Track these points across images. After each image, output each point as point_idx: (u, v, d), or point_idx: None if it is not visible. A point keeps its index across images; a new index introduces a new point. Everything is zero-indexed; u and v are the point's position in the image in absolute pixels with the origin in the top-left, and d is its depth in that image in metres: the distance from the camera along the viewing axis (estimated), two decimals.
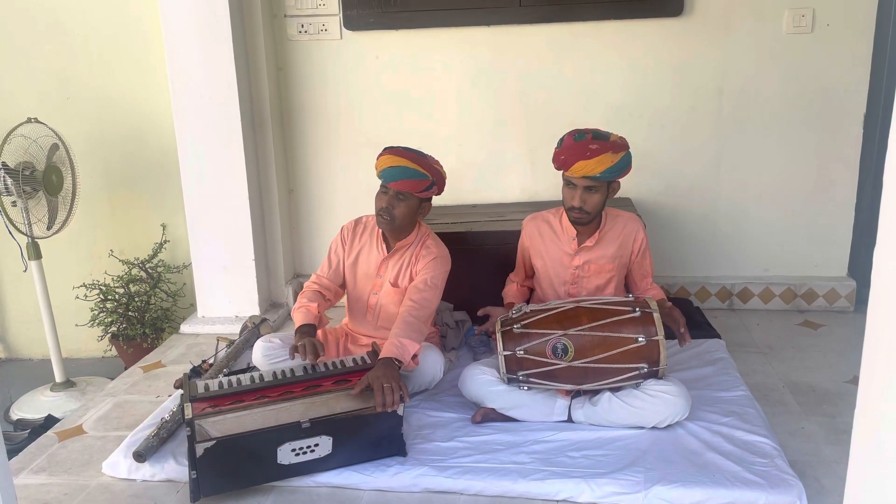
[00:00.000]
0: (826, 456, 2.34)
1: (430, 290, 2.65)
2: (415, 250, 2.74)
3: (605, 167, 2.45)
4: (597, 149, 2.45)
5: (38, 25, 3.76)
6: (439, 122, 3.74)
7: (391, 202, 2.62)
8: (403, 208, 2.64)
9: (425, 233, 2.79)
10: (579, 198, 2.52)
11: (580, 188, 2.51)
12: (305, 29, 3.68)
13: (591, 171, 2.45)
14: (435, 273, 2.68)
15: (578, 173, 2.47)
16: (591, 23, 3.53)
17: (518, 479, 2.19)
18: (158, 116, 3.76)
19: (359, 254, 2.79)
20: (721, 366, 2.86)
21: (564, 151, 2.51)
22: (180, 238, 3.91)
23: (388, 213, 2.63)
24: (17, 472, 2.40)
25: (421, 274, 2.68)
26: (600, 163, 2.45)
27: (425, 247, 2.73)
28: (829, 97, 3.47)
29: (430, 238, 2.78)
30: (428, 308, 2.63)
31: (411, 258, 2.73)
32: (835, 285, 3.62)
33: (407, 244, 2.74)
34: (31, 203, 3.26)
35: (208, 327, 3.64)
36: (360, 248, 2.79)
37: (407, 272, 2.73)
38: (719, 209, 3.68)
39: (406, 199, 2.63)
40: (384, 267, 2.75)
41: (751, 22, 3.45)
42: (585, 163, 2.45)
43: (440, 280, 2.70)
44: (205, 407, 2.16)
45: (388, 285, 2.74)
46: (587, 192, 2.52)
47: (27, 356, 4.20)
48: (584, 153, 2.45)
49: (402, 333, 2.47)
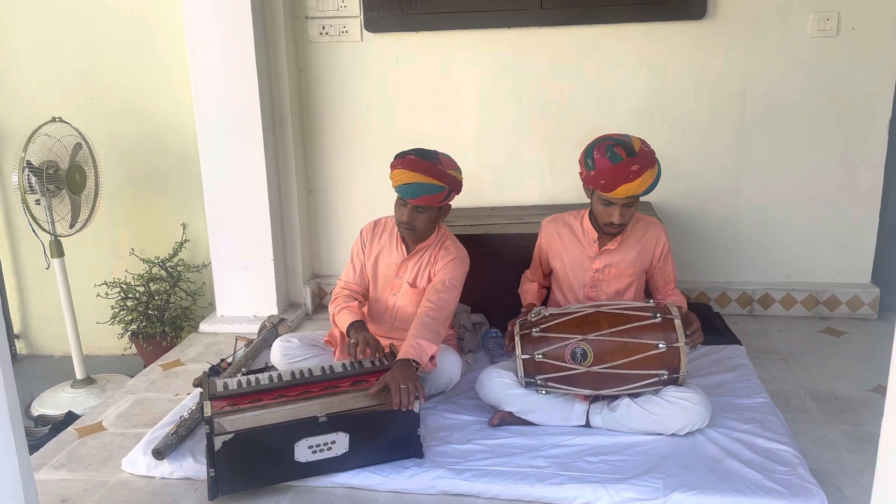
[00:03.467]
0: (849, 465, 2.30)
1: (448, 292, 2.64)
2: (434, 251, 2.74)
3: (648, 185, 2.42)
4: (638, 170, 2.39)
5: (63, 26, 3.81)
6: (459, 124, 3.74)
7: (411, 216, 2.62)
8: (424, 219, 2.63)
9: (444, 234, 2.79)
10: (619, 215, 2.49)
11: (619, 206, 2.48)
12: (326, 30, 3.70)
13: (635, 191, 2.42)
14: (454, 274, 2.67)
15: (622, 195, 2.43)
16: (612, 25, 3.51)
17: (535, 484, 2.18)
18: (180, 117, 3.79)
19: (378, 255, 2.80)
20: (741, 372, 2.84)
21: (604, 176, 2.42)
22: (200, 237, 3.95)
23: (409, 226, 2.63)
24: (37, 468, 2.42)
25: (439, 275, 2.68)
26: (643, 183, 2.41)
27: (444, 248, 2.73)
28: (853, 102, 3.43)
29: (449, 239, 2.77)
30: (446, 309, 2.62)
31: (430, 259, 2.73)
32: (858, 292, 3.57)
33: (426, 246, 2.74)
34: (55, 201, 3.30)
35: (227, 326, 3.66)
36: (380, 249, 2.80)
37: (425, 273, 2.73)
38: (741, 214, 3.64)
39: (426, 211, 2.63)
40: (403, 268, 2.75)
41: (775, 25, 3.41)
42: (629, 185, 2.40)
43: (458, 281, 2.69)
44: (224, 405, 2.17)
45: (407, 286, 2.74)
46: (626, 208, 2.49)
47: (48, 353, 4.25)
48: (627, 176, 2.39)
49: (420, 335, 2.47)
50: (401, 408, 2.22)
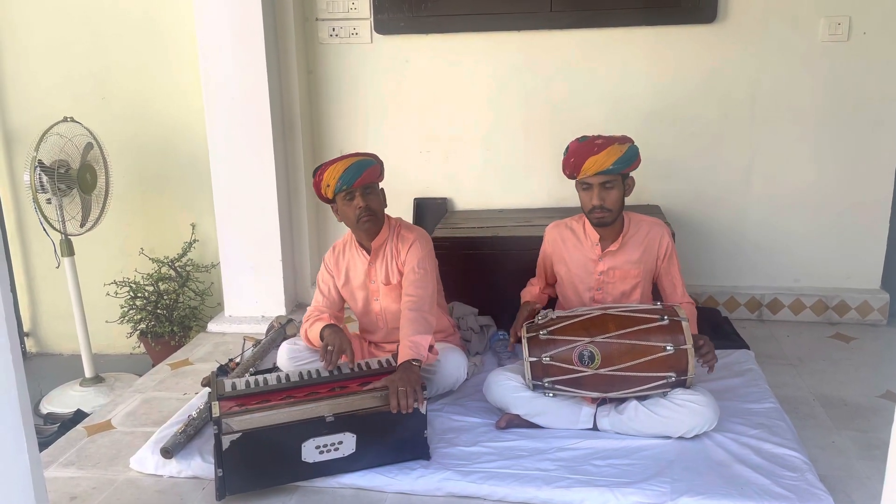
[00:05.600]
0: (858, 471, 2.29)
1: (421, 277, 2.63)
2: (393, 244, 2.72)
3: (615, 157, 2.47)
4: (602, 143, 2.49)
5: (74, 28, 3.84)
6: (468, 126, 3.75)
7: (365, 200, 2.60)
8: (375, 200, 2.64)
9: (396, 224, 2.77)
10: (597, 196, 2.52)
11: (596, 186, 2.51)
12: (336, 32, 3.71)
13: (602, 164, 2.46)
14: (420, 256, 2.66)
15: (591, 170, 2.48)
16: (622, 29, 3.52)
17: (542, 486, 2.17)
18: (190, 118, 3.81)
19: (347, 272, 2.78)
20: (750, 377, 2.82)
21: (572, 154, 2.54)
22: (209, 238, 3.96)
23: (367, 211, 2.60)
24: (46, 466, 2.43)
25: (407, 263, 2.67)
26: (609, 154, 2.46)
27: (401, 237, 2.72)
28: (864, 106, 3.42)
29: (402, 227, 2.76)
30: (426, 296, 2.60)
31: (393, 252, 2.71)
32: (868, 298, 3.55)
33: (383, 241, 2.72)
34: (66, 201, 3.32)
35: (235, 326, 3.68)
36: (346, 266, 2.78)
37: (393, 267, 2.71)
38: (750, 218, 3.63)
39: (373, 191, 2.64)
40: (372, 271, 2.74)
41: (785, 29, 3.41)
42: (595, 158, 2.47)
43: (428, 261, 2.68)
44: (232, 406, 2.17)
45: (382, 286, 2.74)
46: (604, 190, 2.52)
47: (57, 351, 4.27)
48: (592, 149, 2.49)
49: (411, 331, 2.47)
50: (399, 410, 2.22)
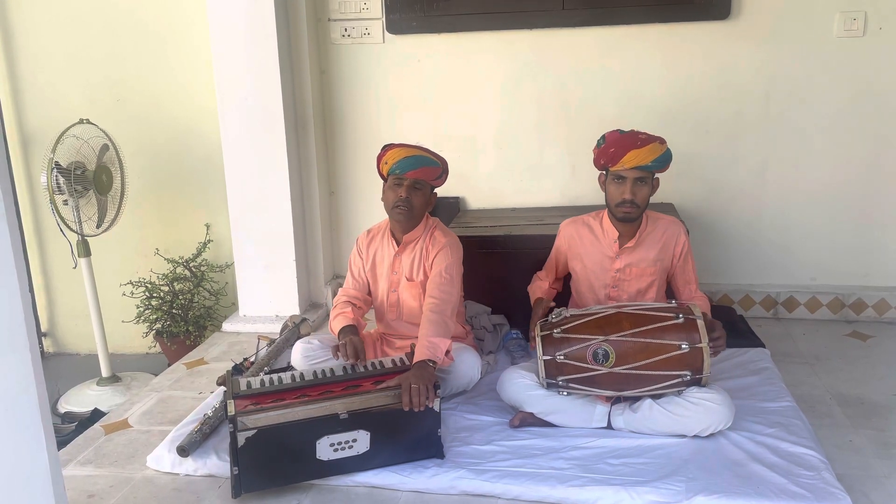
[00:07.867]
0: (876, 470, 2.27)
1: (448, 283, 2.65)
2: (424, 244, 2.74)
3: (656, 155, 2.47)
4: (645, 139, 2.49)
5: (90, 30, 3.87)
6: (481, 125, 3.74)
7: (408, 192, 2.63)
8: (420, 197, 2.66)
9: (432, 225, 2.79)
10: (630, 190, 2.50)
11: (630, 180, 2.50)
12: (349, 32, 3.72)
13: (643, 159, 2.45)
14: (448, 262, 2.68)
15: (630, 163, 2.46)
16: (635, 26, 3.50)
17: (556, 485, 2.17)
18: (204, 118, 3.84)
19: (375, 256, 2.83)
20: (766, 376, 2.80)
21: (613, 144, 2.50)
22: (223, 238, 3.99)
23: (406, 203, 2.63)
24: (64, 464, 2.46)
25: (435, 266, 2.69)
26: (651, 151, 2.46)
27: (433, 239, 2.74)
28: (880, 102, 3.39)
29: (438, 229, 2.78)
30: (449, 301, 2.62)
31: (422, 252, 2.74)
32: (885, 296, 3.52)
33: (416, 237, 2.75)
34: (82, 202, 3.35)
35: (249, 326, 3.70)
36: (375, 251, 2.83)
37: (420, 267, 2.74)
38: (765, 216, 3.61)
39: (422, 189, 2.66)
40: (398, 262, 2.77)
41: (800, 25, 3.38)
42: (637, 151, 2.45)
43: (455, 269, 2.69)
44: (247, 404, 2.19)
45: (405, 280, 2.76)
46: (637, 185, 2.51)
47: (74, 351, 4.31)
48: (635, 142, 2.47)
49: (431, 333, 2.48)
50: (411, 408, 2.23)
